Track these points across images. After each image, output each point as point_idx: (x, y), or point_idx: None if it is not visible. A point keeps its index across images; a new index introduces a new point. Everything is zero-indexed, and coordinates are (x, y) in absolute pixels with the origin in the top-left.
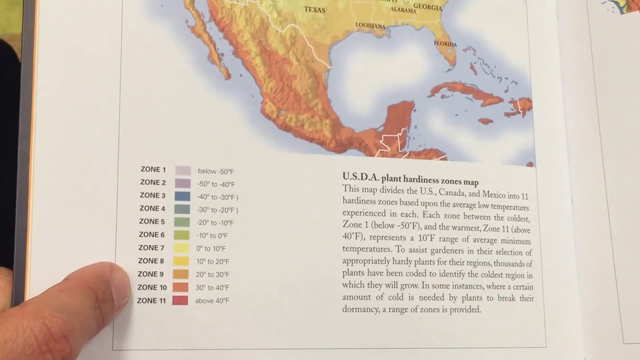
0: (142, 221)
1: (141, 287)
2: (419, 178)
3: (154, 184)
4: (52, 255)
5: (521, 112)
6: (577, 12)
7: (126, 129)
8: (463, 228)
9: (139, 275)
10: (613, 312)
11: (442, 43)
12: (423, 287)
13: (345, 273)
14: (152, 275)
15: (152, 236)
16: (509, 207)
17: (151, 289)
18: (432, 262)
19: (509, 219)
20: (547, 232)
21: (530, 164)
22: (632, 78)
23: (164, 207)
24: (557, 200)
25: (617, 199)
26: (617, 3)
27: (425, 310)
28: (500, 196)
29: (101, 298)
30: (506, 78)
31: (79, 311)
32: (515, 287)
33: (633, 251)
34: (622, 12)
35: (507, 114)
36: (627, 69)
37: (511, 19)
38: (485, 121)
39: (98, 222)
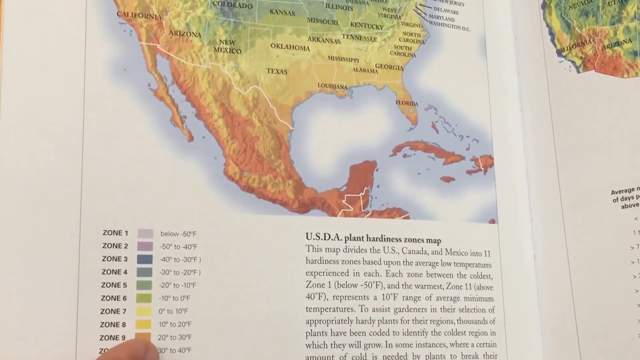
0: (104, 285)
1: (103, 352)
2: (381, 237)
3: (116, 247)
4: (8, 319)
5: (483, 169)
6: (536, 71)
7: (88, 193)
8: (426, 286)
9: (100, 339)
10: None
11: (403, 102)
12: (387, 347)
13: (308, 334)
14: (114, 339)
15: (114, 300)
16: (471, 265)
17: None
18: (395, 322)
19: (472, 276)
20: (509, 289)
21: (493, 221)
22: (589, 135)
23: (126, 270)
24: (520, 256)
25: (578, 255)
26: (573, 62)
27: None
28: (463, 254)
29: None
30: (467, 136)
31: None
32: (478, 345)
33: (594, 307)
34: (578, 72)
35: (469, 172)
36: (585, 126)
37: (472, 78)
38: (447, 179)
39: (59, 286)
